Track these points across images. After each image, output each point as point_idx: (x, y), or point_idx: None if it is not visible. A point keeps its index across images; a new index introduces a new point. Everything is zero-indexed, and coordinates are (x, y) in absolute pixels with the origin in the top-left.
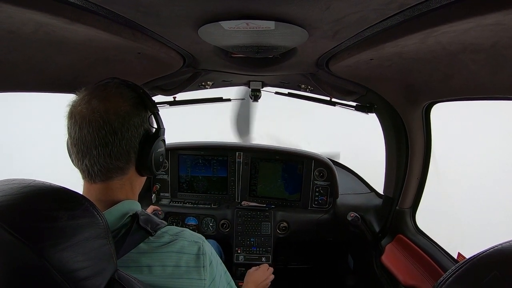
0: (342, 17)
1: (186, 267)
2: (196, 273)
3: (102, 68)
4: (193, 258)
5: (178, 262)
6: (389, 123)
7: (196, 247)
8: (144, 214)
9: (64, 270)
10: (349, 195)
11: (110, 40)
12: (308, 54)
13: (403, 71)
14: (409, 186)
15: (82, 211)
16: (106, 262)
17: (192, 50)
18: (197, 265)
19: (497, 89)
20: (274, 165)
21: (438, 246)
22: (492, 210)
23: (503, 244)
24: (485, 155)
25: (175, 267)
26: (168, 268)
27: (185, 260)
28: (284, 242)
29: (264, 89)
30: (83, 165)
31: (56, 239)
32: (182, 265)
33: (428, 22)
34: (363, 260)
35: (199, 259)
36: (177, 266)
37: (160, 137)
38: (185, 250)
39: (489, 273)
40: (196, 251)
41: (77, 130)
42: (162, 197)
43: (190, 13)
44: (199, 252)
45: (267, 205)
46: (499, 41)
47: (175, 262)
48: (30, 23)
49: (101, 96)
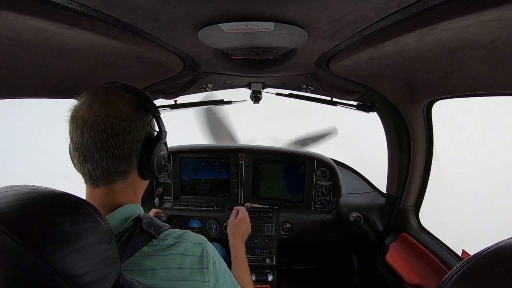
0: (341, 16)
1: (190, 269)
2: (200, 275)
3: (102, 73)
4: (196, 260)
5: (182, 264)
6: (390, 121)
7: (200, 249)
8: (147, 217)
9: (68, 275)
10: (352, 195)
11: (110, 44)
12: (308, 54)
13: (403, 69)
14: (411, 184)
15: (85, 216)
16: (110, 266)
17: (192, 53)
18: (200, 267)
19: (497, 85)
20: (276, 166)
21: (442, 243)
22: (496, 207)
23: (507, 241)
24: (488, 152)
25: (178, 269)
26: (172, 270)
27: (188, 262)
28: (287, 243)
29: (265, 90)
30: (85, 169)
31: (60, 244)
32: (185, 267)
33: (427, 19)
34: (367, 260)
35: (203, 261)
36: (180, 269)
37: (162, 140)
38: (189, 252)
39: (494, 270)
40: (200, 253)
41: (78, 135)
42: (165, 200)
43: (189, 16)
44: (203, 253)
45: (270, 207)
46: (499, 37)
47: (178, 264)
48: (29, 29)
49: (102, 100)
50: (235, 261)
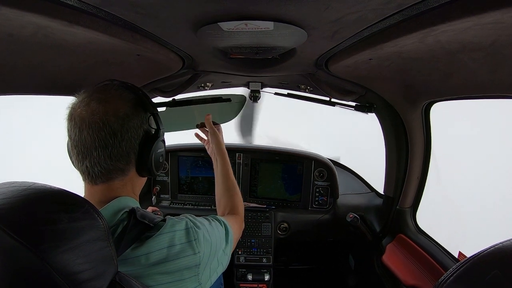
0: (340, 17)
1: (180, 245)
2: (190, 248)
3: (101, 70)
4: (183, 233)
5: (171, 241)
6: (388, 122)
7: (183, 222)
8: (140, 210)
9: (65, 272)
10: (350, 195)
11: (109, 42)
12: (307, 54)
13: (402, 70)
14: (409, 185)
15: (82, 213)
16: (107, 264)
17: (191, 52)
18: (188, 239)
19: (496, 87)
20: (274, 166)
21: (439, 245)
22: (493, 209)
23: (504, 243)
24: (486, 154)
25: (169, 247)
26: (163, 250)
27: (178, 238)
28: (284, 242)
29: (264, 90)
30: (84, 167)
31: (57, 242)
32: (176, 244)
33: (426, 21)
34: (364, 260)
35: (189, 233)
36: (171, 246)
37: (160, 138)
38: (175, 228)
39: (490, 272)
40: (185, 226)
41: (77, 132)
42: (162, 199)
43: (189, 14)
44: (187, 225)
45: (267, 206)
46: (498, 40)
47: (168, 242)
48: (29, 26)
49: (100, 98)
50: (226, 161)
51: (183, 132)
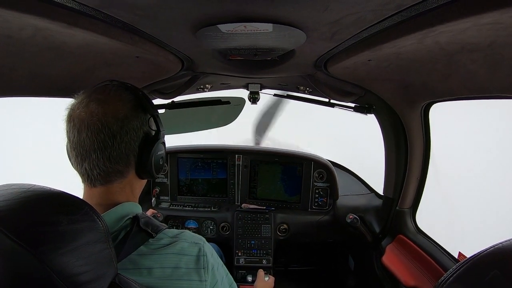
0: (339, 18)
1: (186, 269)
2: (196, 274)
3: (100, 72)
4: (193, 259)
5: (178, 263)
6: (388, 123)
7: (197, 248)
8: (145, 217)
9: (65, 274)
10: (349, 196)
11: (108, 44)
12: (306, 56)
13: (401, 71)
14: (408, 186)
15: (82, 215)
16: (106, 266)
17: (190, 53)
18: (197, 266)
19: (495, 88)
20: (273, 167)
21: (438, 245)
22: (492, 209)
23: (503, 243)
24: (484, 153)
25: (174, 268)
26: (167, 269)
27: (184, 262)
28: (284, 244)
29: (263, 91)
30: (83, 169)
31: (56, 244)
32: (181, 267)
33: (425, 22)
34: (364, 261)
35: (199, 261)
36: (176, 268)
37: (160, 140)
38: (185, 251)
39: (490, 272)
40: (197, 253)
41: (76, 134)
42: (162, 200)
43: (188, 16)
44: (200, 253)
45: (267, 208)
46: (496, 40)
47: (174, 263)
48: (28, 27)
49: (99, 99)
50: None
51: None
